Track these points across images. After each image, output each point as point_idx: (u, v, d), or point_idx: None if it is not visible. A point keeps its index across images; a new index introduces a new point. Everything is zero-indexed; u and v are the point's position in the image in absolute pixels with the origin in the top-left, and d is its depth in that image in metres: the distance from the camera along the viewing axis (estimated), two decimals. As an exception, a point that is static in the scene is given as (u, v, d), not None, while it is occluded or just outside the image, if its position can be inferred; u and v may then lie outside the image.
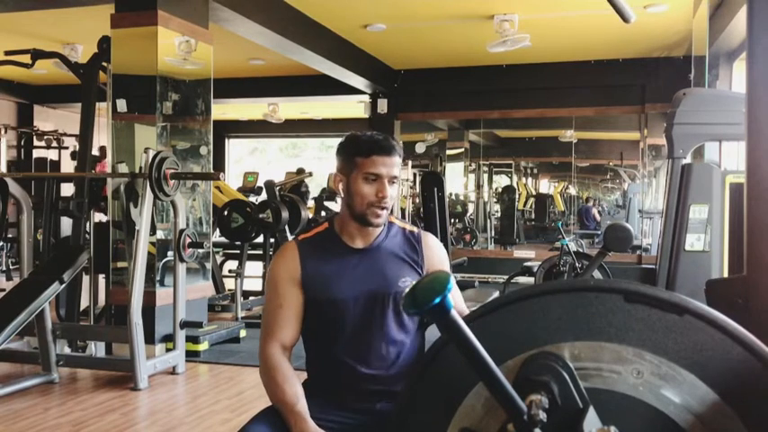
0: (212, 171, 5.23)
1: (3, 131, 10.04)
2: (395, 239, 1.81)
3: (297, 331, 1.75)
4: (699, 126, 3.74)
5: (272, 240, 6.56)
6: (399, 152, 1.76)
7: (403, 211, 7.97)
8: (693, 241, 3.61)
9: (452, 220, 9.72)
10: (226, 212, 6.17)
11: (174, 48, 4.85)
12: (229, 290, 6.77)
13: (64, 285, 4.11)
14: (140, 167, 4.19)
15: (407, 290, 0.93)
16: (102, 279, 4.79)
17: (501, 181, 11.09)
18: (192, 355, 4.60)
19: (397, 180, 1.77)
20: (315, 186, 12.09)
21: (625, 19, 1.67)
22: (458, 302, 1.87)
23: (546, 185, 11.59)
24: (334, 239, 1.79)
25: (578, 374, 0.94)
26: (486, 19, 6.61)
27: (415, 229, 1.86)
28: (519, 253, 9.12)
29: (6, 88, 10.09)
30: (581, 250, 7.25)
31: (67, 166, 9.67)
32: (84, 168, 4.89)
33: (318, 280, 1.73)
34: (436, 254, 1.84)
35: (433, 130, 10.05)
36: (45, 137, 10.15)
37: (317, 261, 1.76)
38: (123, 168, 4.51)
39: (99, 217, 5.05)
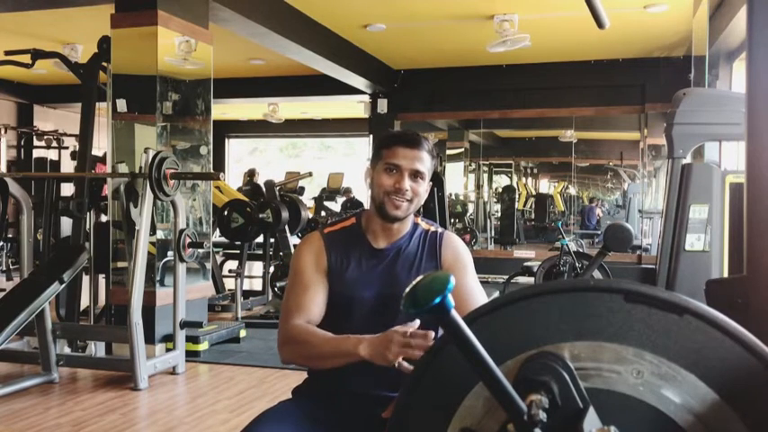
0: (212, 171, 5.23)
1: (3, 131, 10.05)
2: (416, 242, 1.79)
3: (321, 311, 1.71)
4: (699, 126, 3.73)
5: (272, 240, 6.57)
6: (427, 148, 1.73)
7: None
8: (693, 241, 3.61)
9: (452, 220, 9.73)
10: (226, 212, 6.17)
11: (174, 48, 4.85)
12: (229, 290, 6.77)
13: (64, 285, 4.11)
14: (140, 167, 4.19)
15: (407, 289, 0.93)
16: (102, 279, 4.79)
17: (501, 181, 11.09)
18: (192, 355, 4.60)
19: (423, 176, 1.72)
20: (315, 186, 12.12)
21: (600, 25, 1.67)
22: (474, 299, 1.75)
23: (546, 185, 11.60)
24: (359, 237, 1.78)
25: (578, 374, 0.94)
26: (486, 19, 6.61)
27: (439, 230, 1.82)
28: (519, 253, 9.12)
29: (6, 88, 10.09)
30: (581, 250, 7.25)
31: (67, 166, 9.67)
32: (85, 168, 4.89)
33: (338, 276, 1.73)
34: (452, 255, 1.78)
35: (433, 130, 10.05)
36: (45, 137, 10.14)
37: (338, 257, 1.75)
38: (123, 168, 4.51)
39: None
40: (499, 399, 0.91)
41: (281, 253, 6.60)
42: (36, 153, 10.34)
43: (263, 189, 6.74)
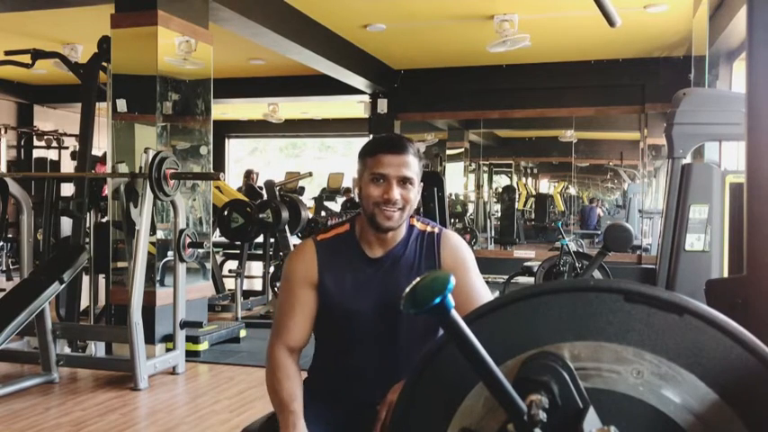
0: (212, 171, 5.23)
1: (3, 131, 10.05)
2: (414, 246, 1.73)
3: (307, 334, 1.72)
4: (699, 126, 3.73)
5: (272, 240, 6.57)
6: (413, 151, 1.67)
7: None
8: (693, 241, 3.61)
9: (452, 220, 9.72)
10: (226, 212, 6.17)
11: (174, 48, 4.85)
12: (229, 290, 6.77)
13: (64, 285, 4.11)
14: (140, 167, 4.19)
15: (407, 290, 0.93)
16: (102, 279, 4.79)
17: (501, 181, 11.09)
18: (192, 355, 4.60)
19: (412, 182, 1.66)
20: (315, 186, 12.12)
21: (611, 23, 1.67)
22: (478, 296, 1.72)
23: (546, 185, 11.60)
24: (353, 245, 1.72)
25: (578, 374, 0.94)
26: (486, 19, 6.61)
27: (436, 230, 1.75)
28: (519, 253, 9.12)
29: (6, 88, 10.10)
30: (581, 250, 7.25)
31: (67, 166, 9.67)
32: (85, 168, 4.89)
33: (332, 288, 1.69)
34: (451, 255, 1.73)
35: (433, 130, 10.05)
36: (45, 137, 10.15)
37: (332, 267, 1.70)
38: (123, 168, 4.51)
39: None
40: (499, 399, 0.91)
41: (281, 253, 6.60)
42: (36, 153, 10.35)
43: (259, 190, 6.74)
